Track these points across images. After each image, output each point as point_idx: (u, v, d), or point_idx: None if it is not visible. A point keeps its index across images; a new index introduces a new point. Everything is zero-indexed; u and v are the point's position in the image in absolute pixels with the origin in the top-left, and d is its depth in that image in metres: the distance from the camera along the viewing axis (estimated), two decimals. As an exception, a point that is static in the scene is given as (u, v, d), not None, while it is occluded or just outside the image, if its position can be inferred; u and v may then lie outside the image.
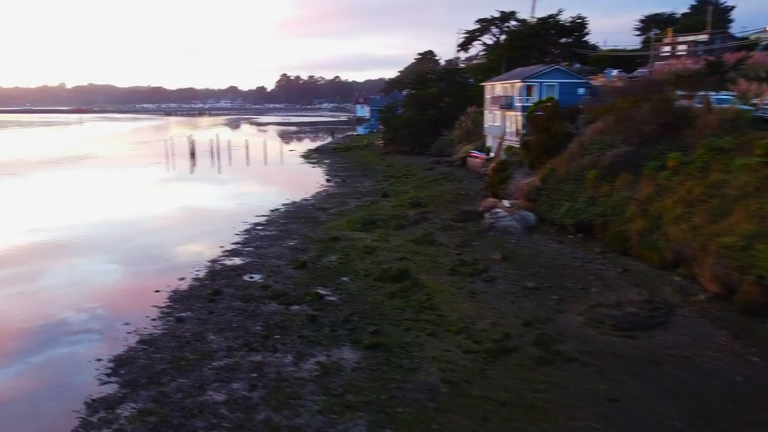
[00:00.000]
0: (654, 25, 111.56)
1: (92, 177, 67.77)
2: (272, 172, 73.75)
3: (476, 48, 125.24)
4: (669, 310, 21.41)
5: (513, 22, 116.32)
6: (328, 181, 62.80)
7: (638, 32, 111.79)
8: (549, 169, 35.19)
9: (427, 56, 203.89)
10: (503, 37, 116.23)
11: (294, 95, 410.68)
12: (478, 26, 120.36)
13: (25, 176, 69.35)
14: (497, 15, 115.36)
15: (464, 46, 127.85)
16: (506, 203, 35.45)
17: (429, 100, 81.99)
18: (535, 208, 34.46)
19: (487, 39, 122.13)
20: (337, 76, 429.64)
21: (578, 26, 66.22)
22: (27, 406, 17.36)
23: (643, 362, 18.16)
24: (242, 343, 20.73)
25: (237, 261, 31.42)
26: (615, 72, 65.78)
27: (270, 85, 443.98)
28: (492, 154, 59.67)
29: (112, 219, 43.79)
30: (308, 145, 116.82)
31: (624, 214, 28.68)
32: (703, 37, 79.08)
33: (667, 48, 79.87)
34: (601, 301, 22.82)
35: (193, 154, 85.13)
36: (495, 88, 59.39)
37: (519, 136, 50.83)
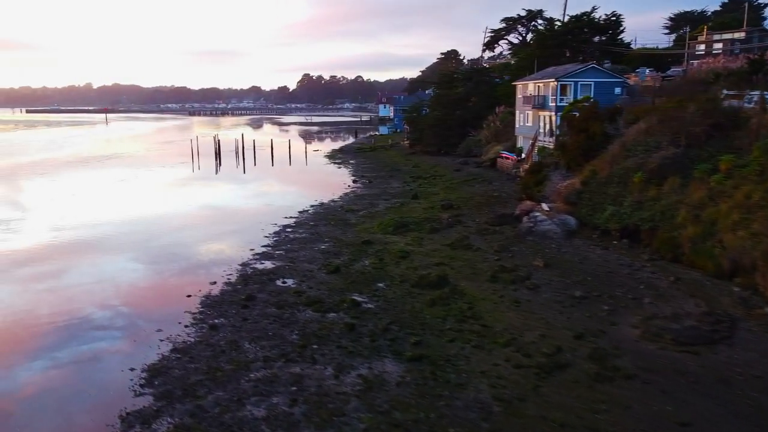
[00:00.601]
0: (683, 23, 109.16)
1: (119, 176, 67.77)
2: (298, 173, 73.18)
3: (500, 47, 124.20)
4: (732, 323, 20.04)
5: (540, 21, 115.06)
6: (355, 182, 61.97)
7: (667, 30, 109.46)
8: (590, 172, 33.82)
9: (451, 56, 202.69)
10: (530, 36, 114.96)
11: (316, 95, 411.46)
12: (504, 25, 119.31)
13: (54, 175, 69.73)
14: (523, 14, 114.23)
15: (490, 45, 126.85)
16: (545, 206, 34.17)
17: (456, 100, 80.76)
18: (576, 212, 33.13)
19: (513, 38, 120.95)
20: (359, 76, 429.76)
21: (613, 24, 64.36)
22: (60, 418, 16.66)
23: (710, 381, 16.87)
24: (279, 353, 19.85)
25: (268, 265, 30.64)
26: (648, 71, 64.01)
27: (292, 85, 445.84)
28: (523, 155, 58.30)
29: (139, 219, 43.41)
30: (332, 145, 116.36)
31: (674, 220, 27.24)
32: (740, 35, 76.64)
33: (702, 46, 77.68)
34: (656, 312, 21.50)
35: (218, 154, 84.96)
36: (527, 87, 57.97)
37: (553, 136, 49.46)
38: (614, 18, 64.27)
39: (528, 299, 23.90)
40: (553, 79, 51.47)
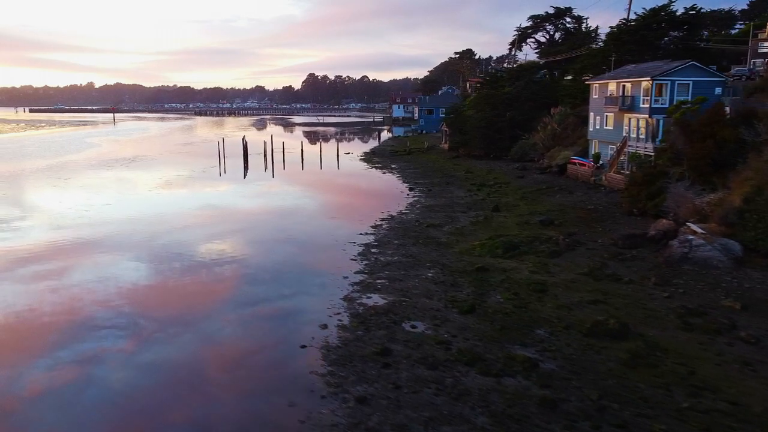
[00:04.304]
0: (710, 22, 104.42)
1: (157, 183, 61.84)
2: (341, 179, 67.57)
3: (528, 46, 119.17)
4: None
5: (568, 19, 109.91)
6: (411, 189, 56.46)
7: None
8: (753, 188, 28.38)
9: (465, 55, 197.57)
10: (558, 34, 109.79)
11: (321, 95, 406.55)
12: (531, 23, 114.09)
13: (83, 181, 63.59)
14: (551, 12, 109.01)
15: (517, 44, 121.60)
16: (697, 228, 28.69)
17: (506, 100, 75.20)
18: (738, 235, 27.70)
19: (541, 36, 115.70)
20: (365, 76, 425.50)
21: (692, 18, 58.97)
22: None
23: None
24: (478, 448, 14.38)
25: (378, 300, 25.13)
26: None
27: (297, 85, 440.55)
28: (602, 162, 52.91)
29: (190, 233, 37.87)
30: (358, 147, 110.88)
31: None
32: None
33: (767, 44, 72.83)
34: None
35: (246, 158, 79.44)
36: (607, 86, 52.47)
37: (654, 142, 44.04)
38: (693, 11, 58.80)
39: (759, 359, 18.43)
40: (647, 78, 45.99)
